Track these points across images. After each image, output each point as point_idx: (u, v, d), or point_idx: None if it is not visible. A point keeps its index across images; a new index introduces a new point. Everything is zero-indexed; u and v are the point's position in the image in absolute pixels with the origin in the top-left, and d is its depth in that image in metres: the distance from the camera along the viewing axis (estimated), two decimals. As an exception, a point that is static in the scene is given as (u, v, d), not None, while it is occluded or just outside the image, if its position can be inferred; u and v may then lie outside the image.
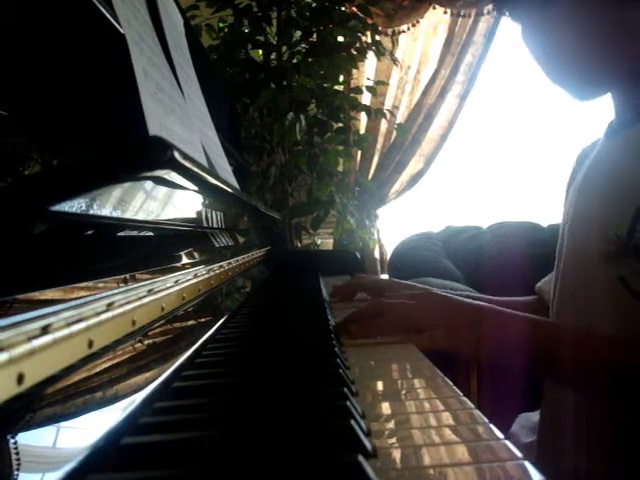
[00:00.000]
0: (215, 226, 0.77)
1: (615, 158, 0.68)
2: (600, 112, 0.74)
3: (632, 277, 0.59)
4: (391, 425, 0.35)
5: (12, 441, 0.24)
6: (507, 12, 0.71)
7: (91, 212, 0.38)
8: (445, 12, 2.68)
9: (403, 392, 0.42)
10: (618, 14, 0.61)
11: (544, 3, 0.64)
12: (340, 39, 2.14)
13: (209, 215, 0.74)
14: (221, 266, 0.71)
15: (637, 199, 0.60)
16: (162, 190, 0.54)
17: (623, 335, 0.60)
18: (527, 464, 0.28)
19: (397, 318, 0.61)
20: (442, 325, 0.59)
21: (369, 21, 2.26)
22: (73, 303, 0.30)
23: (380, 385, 0.45)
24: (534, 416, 0.84)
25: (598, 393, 0.60)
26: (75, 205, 0.35)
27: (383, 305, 0.63)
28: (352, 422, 0.30)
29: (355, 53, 2.19)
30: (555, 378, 0.67)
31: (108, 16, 0.49)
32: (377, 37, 2.33)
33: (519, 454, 0.29)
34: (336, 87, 2.25)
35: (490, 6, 2.62)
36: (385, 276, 2.54)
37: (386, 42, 2.59)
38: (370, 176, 2.76)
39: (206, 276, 0.62)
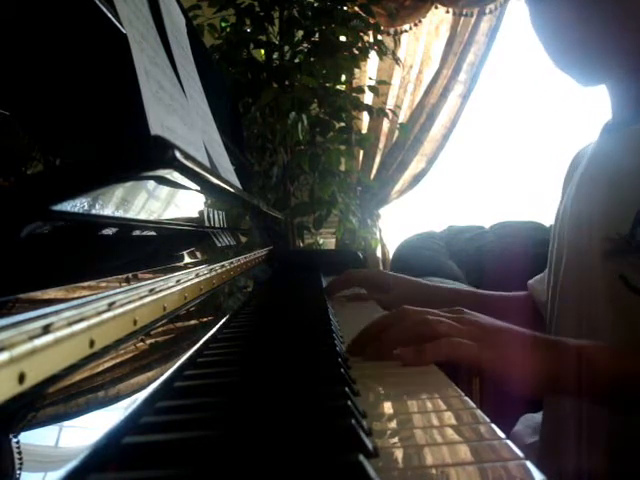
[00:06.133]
0: (217, 226, 0.77)
1: (615, 156, 0.68)
2: (602, 111, 0.74)
3: (633, 274, 0.59)
4: (393, 425, 0.35)
5: (14, 440, 0.24)
6: None
7: (93, 212, 0.38)
8: (447, 11, 2.68)
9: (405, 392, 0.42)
10: (623, 4, 0.61)
11: None
12: (342, 39, 2.14)
13: (211, 215, 0.74)
14: (223, 265, 0.71)
15: (639, 197, 0.60)
16: (164, 190, 0.54)
17: (624, 333, 0.60)
18: (529, 464, 0.28)
19: (414, 323, 0.51)
20: (489, 343, 0.50)
21: (371, 21, 2.26)
22: (74, 302, 0.30)
23: (382, 385, 0.45)
24: (537, 417, 0.83)
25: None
26: (77, 205, 0.35)
27: (402, 311, 0.54)
28: (353, 422, 0.30)
29: (357, 53, 2.18)
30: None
31: (110, 16, 0.49)
32: (379, 37, 2.33)
33: (521, 454, 0.29)
34: (338, 87, 2.24)
35: (492, 5, 2.61)
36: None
37: (388, 42, 2.59)
38: (372, 176, 2.76)
39: (208, 276, 0.62)
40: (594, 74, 0.68)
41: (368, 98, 2.58)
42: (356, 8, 2.23)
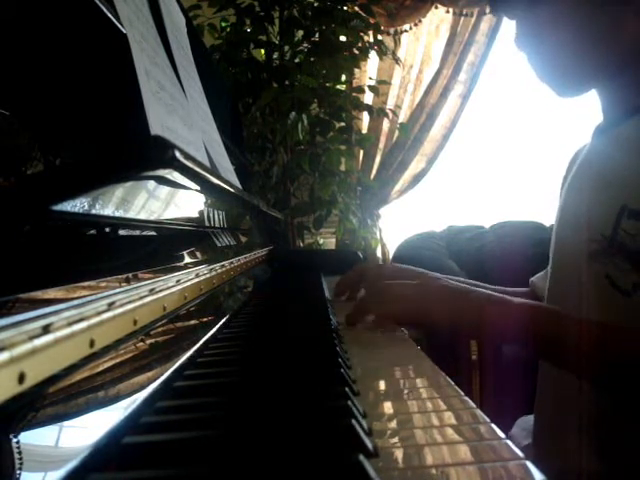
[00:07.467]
0: (217, 225, 0.77)
1: (603, 157, 0.68)
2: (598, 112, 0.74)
3: (617, 275, 0.60)
4: (393, 425, 0.35)
5: (14, 440, 0.24)
6: (500, 11, 0.72)
7: (93, 212, 0.38)
8: (447, 11, 2.67)
9: (405, 392, 0.42)
10: (602, 13, 0.61)
11: (532, 2, 0.65)
12: (342, 39, 2.14)
13: (211, 214, 0.74)
14: (223, 265, 0.71)
15: (622, 197, 0.60)
16: (164, 190, 0.54)
17: None
18: (529, 464, 0.28)
19: (393, 297, 0.64)
20: (444, 315, 0.62)
21: (371, 21, 2.26)
22: (74, 302, 0.30)
23: (382, 385, 0.45)
24: (532, 418, 0.84)
25: (598, 379, 0.60)
26: (77, 204, 0.35)
27: (382, 287, 0.67)
28: (353, 422, 0.30)
29: (357, 53, 2.19)
30: (557, 363, 0.66)
31: (110, 16, 0.49)
32: (379, 37, 2.33)
33: (521, 454, 0.29)
34: (338, 86, 2.25)
35: (492, 5, 2.61)
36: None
37: (388, 41, 2.59)
38: (372, 176, 2.76)
39: (208, 275, 0.62)
40: (577, 86, 0.69)
41: (368, 98, 2.58)
42: (356, 8, 2.23)
